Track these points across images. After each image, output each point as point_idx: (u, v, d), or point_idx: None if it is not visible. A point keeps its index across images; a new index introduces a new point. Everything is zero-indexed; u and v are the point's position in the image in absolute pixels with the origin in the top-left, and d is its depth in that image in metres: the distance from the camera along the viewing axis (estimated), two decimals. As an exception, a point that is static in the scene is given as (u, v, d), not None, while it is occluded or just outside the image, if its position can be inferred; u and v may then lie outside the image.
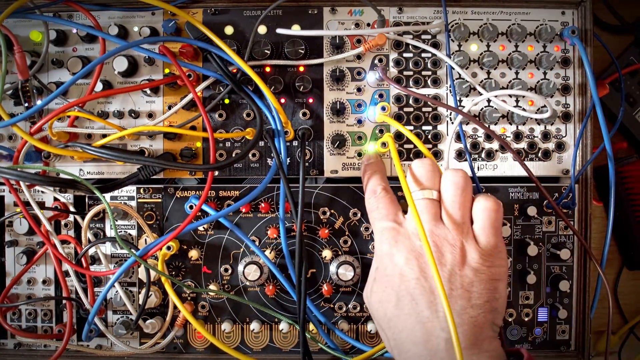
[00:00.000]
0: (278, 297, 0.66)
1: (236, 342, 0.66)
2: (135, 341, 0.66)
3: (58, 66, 0.64)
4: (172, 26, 0.62)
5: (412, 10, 0.65)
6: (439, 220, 0.49)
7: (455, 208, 0.50)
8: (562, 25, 0.65)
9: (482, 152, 0.65)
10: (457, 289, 0.46)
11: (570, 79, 0.65)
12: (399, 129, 0.61)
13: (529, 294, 0.65)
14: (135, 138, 0.65)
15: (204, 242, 0.65)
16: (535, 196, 0.65)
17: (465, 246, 0.48)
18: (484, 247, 0.48)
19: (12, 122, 0.54)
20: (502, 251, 0.49)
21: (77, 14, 0.64)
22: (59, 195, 0.64)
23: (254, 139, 0.59)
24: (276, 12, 0.64)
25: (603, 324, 0.79)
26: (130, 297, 0.65)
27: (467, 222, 0.50)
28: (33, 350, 0.66)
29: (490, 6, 0.64)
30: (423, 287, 0.46)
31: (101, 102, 0.65)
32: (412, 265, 0.47)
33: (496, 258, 0.48)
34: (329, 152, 0.65)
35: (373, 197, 0.54)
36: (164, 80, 0.62)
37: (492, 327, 0.47)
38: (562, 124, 0.65)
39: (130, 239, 0.66)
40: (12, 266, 0.66)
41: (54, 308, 0.66)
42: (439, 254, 0.47)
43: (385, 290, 0.49)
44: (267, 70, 0.64)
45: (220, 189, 0.65)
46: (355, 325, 0.66)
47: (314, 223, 0.65)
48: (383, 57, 0.64)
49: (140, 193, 0.66)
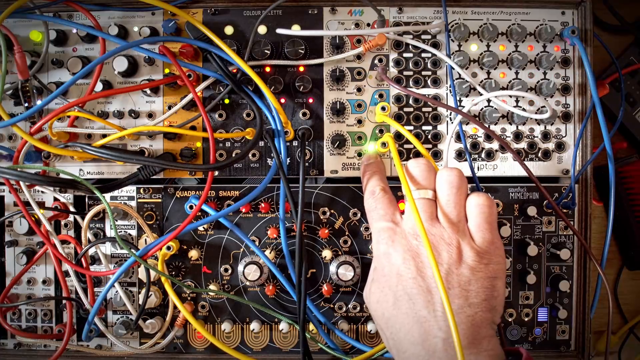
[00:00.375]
0: (278, 297, 0.66)
1: (236, 342, 0.66)
2: (135, 341, 0.66)
3: (58, 66, 0.64)
4: (172, 26, 0.62)
5: (412, 10, 0.65)
6: (435, 220, 0.50)
7: (450, 207, 0.50)
8: (562, 25, 0.65)
9: (482, 152, 0.65)
10: (454, 287, 0.46)
11: (570, 79, 0.65)
12: (398, 130, 0.61)
13: (529, 294, 0.65)
14: (135, 138, 0.65)
15: (204, 242, 0.65)
16: (535, 196, 0.65)
17: (462, 244, 0.48)
18: (480, 245, 0.48)
19: (12, 122, 0.54)
20: (499, 248, 0.49)
21: (77, 14, 0.64)
22: (59, 195, 0.64)
23: (254, 139, 0.59)
24: (276, 12, 0.64)
25: (603, 324, 0.79)
26: (130, 297, 0.65)
27: (463, 220, 0.50)
28: (33, 350, 0.66)
29: (490, 6, 0.64)
30: (420, 286, 0.46)
31: (101, 102, 0.65)
32: (409, 265, 0.47)
33: (493, 255, 0.48)
34: (329, 152, 0.65)
35: (372, 197, 0.55)
36: (164, 80, 0.62)
37: (490, 326, 0.47)
38: (562, 124, 0.65)
39: (130, 239, 0.66)
40: (12, 266, 0.66)
41: (54, 308, 0.66)
42: (435, 253, 0.47)
43: (383, 290, 0.49)
44: (267, 70, 0.64)
45: (220, 189, 0.65)
46: (355, 325, 0.66)
47: (314, 223, 0.65)
48: (383, 57, 0.64)
49: (140, 193, 0.66)
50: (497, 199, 0.65)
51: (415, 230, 0.49)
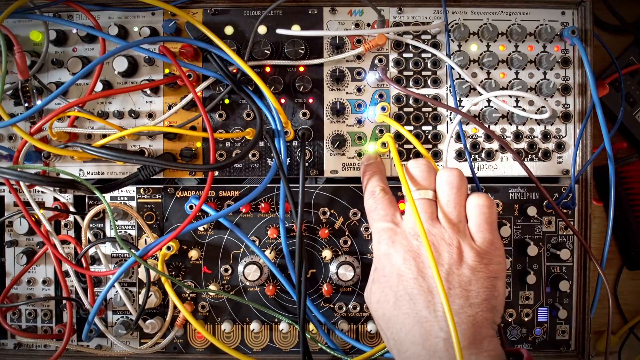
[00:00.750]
0: (278, 297, 0.66)
1: (236, 342, 0.66)
2: (135, 341, 0.66)
3: (58, 66, 0.64)
4: (172, 26, 0.62)
5: (412, 11, 0.65)
6: (436, 220, 0.50)
7: (450, 207, 0.50)
8: (562, 26, 0.65)
9: (482, 152, 0.65)
10: (455, 288, 0.46)
11: (570, 79, 0.65)
12: (398, 130, 0.61)
13: (529, 294, 0.65)
14: (135, 138, 0.65)
15: (204, 242, 0.65)
16: (535, 196, 0.65)
17: (462, 245, 0.48)
18: (481, 245, 0.48)
19: (12, 122, 0.54)
20: (499, 248, 0.49)
21: (77, 14, 0.64)
22: (59, 195, 0.64)
23: (254, 139, 0.59)
24: (276, 12, 0.64)
25: (603, 324, 0.79)
26: (130, 297, 0.65)
27: (463, 220, 0.50)
28: (33, 350, 0.66)
29: (490, 6, 0.64)
30: (421, 286, 0.46)
31: (101, 102, 0.65)
32: (409, 265, 0.47)
33: (493, 255, 0.48)
34: (329, 152, 0.65)
35: (372, 198, 0.55)
36: (164, 80, 0.62)
37: (491, 326, 0.47)
38: (562, 124, 0.65)
39: (130, 239, 0.66)
40: (12, 266, 0.66)
41: (54, 308, 0.66)
42: (436, 254, 0.47)
43: (383, 290, 0.49)
44: (267, 70, 0.64)
45: (220, 189, 0.65)
46: (355, 325, 0.66)
47: (314, 223, 0.65)
48: (383, 57, 0.64)
49: (140, 193, 0.66)
50: (497, 199, 0.65)
51: (415, 230, 0.49)
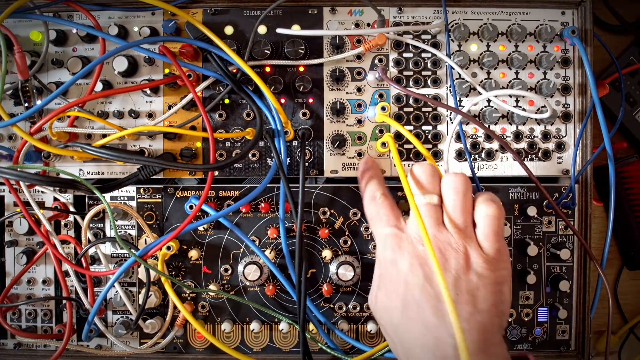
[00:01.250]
0: (278, 297, 0.66)
1: (236, 342, 0.66)
2: (135, 341, 0.66)
3: (58, 66, 0.64)
4: (172, 26, 0.62)
5: (412, 10, 0.65)
6: (442, 225, 0.49)
7: (457, 213, 0.49)
8: (562, 25, 0.65)
9: (482, 152, 0.65)
10: (463, 294, 0.45)
11: (570, 79, 0.65)
12: (398, 130, 0.61)
13: (529, 294, 0.65)
14: (135, 138, 0.65)
15: (204, 242, 0.65)
16: (535, 196, 0.65)
17: (469, 251, 0.47)
18: (488, 252, 0.47)
19: (12, 122, 0.54)
20: (505, 254, 0.49)
21: (77, 14, 0.64)
22: (59, 195, 0.64)
23: (254, 139, 0.59)
24: (276, 12, 0.64)
25: (603, 324, 0.79)
26: (130, 297, 0.65)
27: (470, 226, 0.49)
28: (33, 350, 0.66)
29: (490, 6, 0.64)
30: (429, 293, 0.45)
31: (101, 102, 0.65)
32: (416, 272, 0.47)
33: (500, 262, 0.47)
34: (329, 152, 0.65)
35: (373, 203, 0.54)
36: (164, 80, 0.62)
37: (499, 331, 0.46)
38: (562, 124, 0.65)
39: (130, 239, 0.66)
40: (12, 266, 0.66)
41: (54, 308, 0.66)
42: (443, 260, 0.46)
43: (390, 297, 0.48)
44: (267, 70, 0.64)
45: (220, 189, 0.65)
46: (355, 325, 0.66)
47: (314, 223, 0.65)
48: (383, 57, 0.64)
49: (140, 193, 0.66)
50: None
51: (421, 235, 0.48)
